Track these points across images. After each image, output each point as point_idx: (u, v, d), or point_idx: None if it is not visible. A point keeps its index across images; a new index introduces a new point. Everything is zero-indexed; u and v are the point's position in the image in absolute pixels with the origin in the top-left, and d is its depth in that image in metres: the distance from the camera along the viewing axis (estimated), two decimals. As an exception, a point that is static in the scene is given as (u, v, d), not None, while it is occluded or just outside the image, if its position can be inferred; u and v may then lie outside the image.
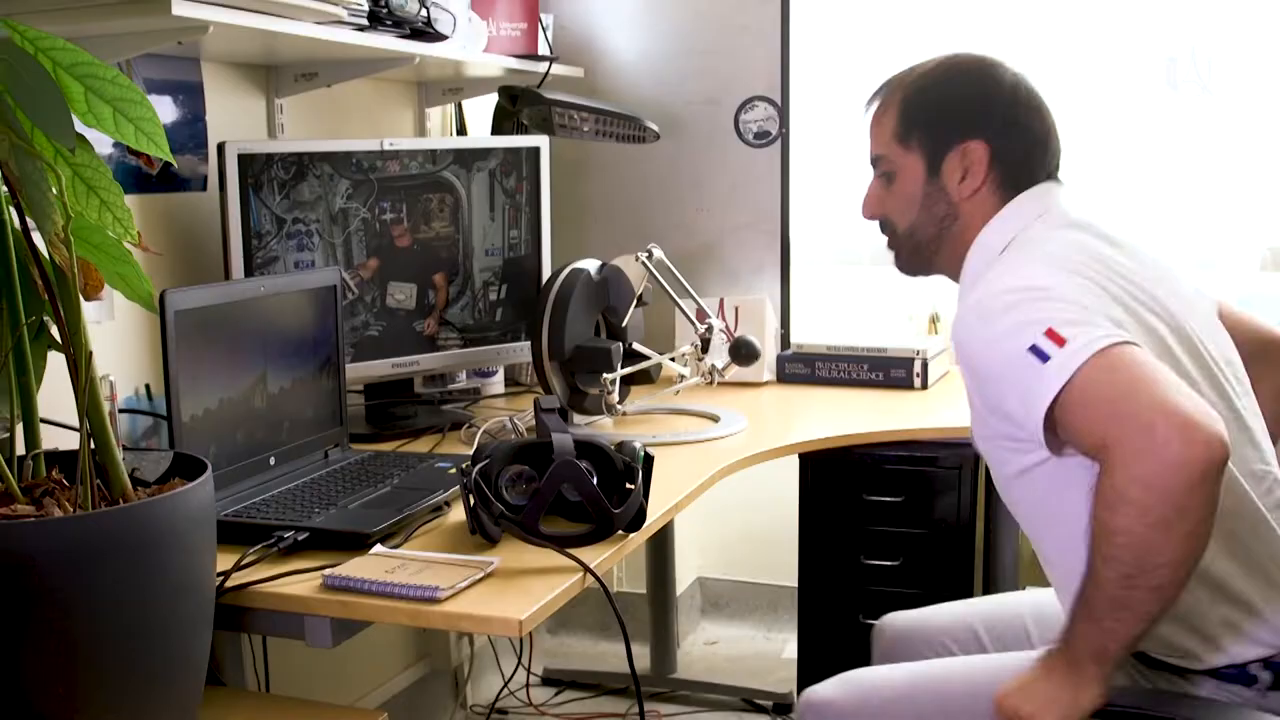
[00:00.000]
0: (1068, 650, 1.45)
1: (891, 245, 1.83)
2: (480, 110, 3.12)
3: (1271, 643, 1.56)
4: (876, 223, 1.84)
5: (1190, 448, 1.32)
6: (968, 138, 1.70)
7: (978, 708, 1.58)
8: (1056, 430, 1.46)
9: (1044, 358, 1.43)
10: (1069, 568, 1.49)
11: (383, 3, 2.27)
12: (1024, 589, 2.42)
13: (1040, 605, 1.94)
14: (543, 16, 2.93)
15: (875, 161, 1.80)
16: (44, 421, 1.38)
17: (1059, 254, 1.60)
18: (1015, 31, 2.87)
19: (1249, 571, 1.57)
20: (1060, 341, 1.43)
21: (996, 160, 1.70)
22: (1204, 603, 1.55)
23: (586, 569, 1.60)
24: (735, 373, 2.56)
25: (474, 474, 1.71)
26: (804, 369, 2.91)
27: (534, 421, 1.96)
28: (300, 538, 1.68)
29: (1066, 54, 2.84)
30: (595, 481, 1.74)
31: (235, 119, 2.37)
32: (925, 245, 1.78)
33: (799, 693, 2.00)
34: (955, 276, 1.79)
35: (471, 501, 1.70)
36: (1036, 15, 2.87)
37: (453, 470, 2.00)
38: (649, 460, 1.80)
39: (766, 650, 3.45)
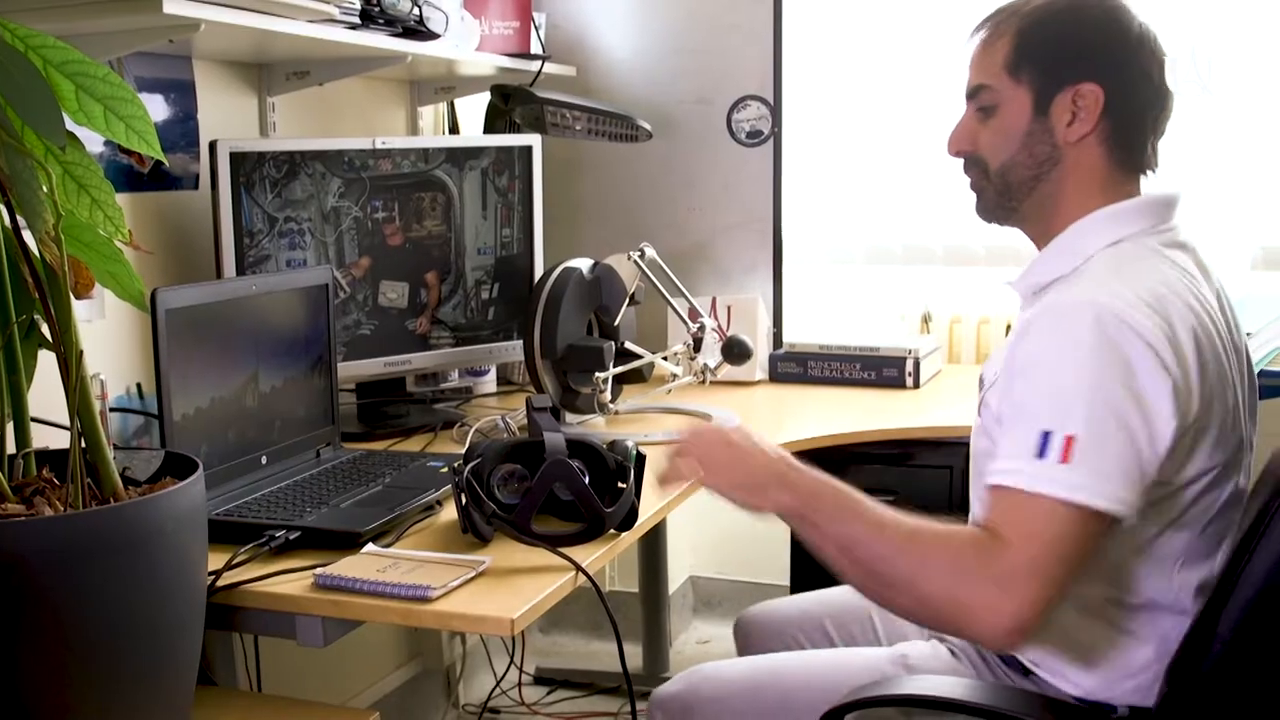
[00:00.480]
0: (796, 482, 1.54)
1: (975, 186, 1.69)
2: (472, 109, 3.12)
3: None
4: (961, 161, 1.71)
5: (996, 642, 1.44)
6: (1083, 79, 1.57)
7: (814, 700, 1.61)
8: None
9: (1041, 453, 1.40)
10: None
11: (375, 1, 2.27)
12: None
13: None
14: (535, 15, 2.92)
15: (975, 93, 1.66)
16: (34, 420, 1.38)
17: (1161, 304, 1.46)
18: None
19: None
20: (1065, 458, 1.39)
21: (1110, 109, 1.58)
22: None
23: (578, 568, 1.60)
24: (728, 372, 2.56)
25: (465, 473, 1.70)
26: (796, 368, 2.91)
27: (526, 420, 1.96)
28: (292, 537, 1.67)
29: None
30: (587, 481, 1.74)
31: (227, 117, 2.37)
32: (1017, 187, 1.64)
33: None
34: (1036, 233, 1.67)
35: (463, 500, 1.70)
36: None
37: (444, 469, 2.00)
38: (641, 459, 1.80)
39: (759, 649, 3.45)
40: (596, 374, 2.36)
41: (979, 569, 1.39)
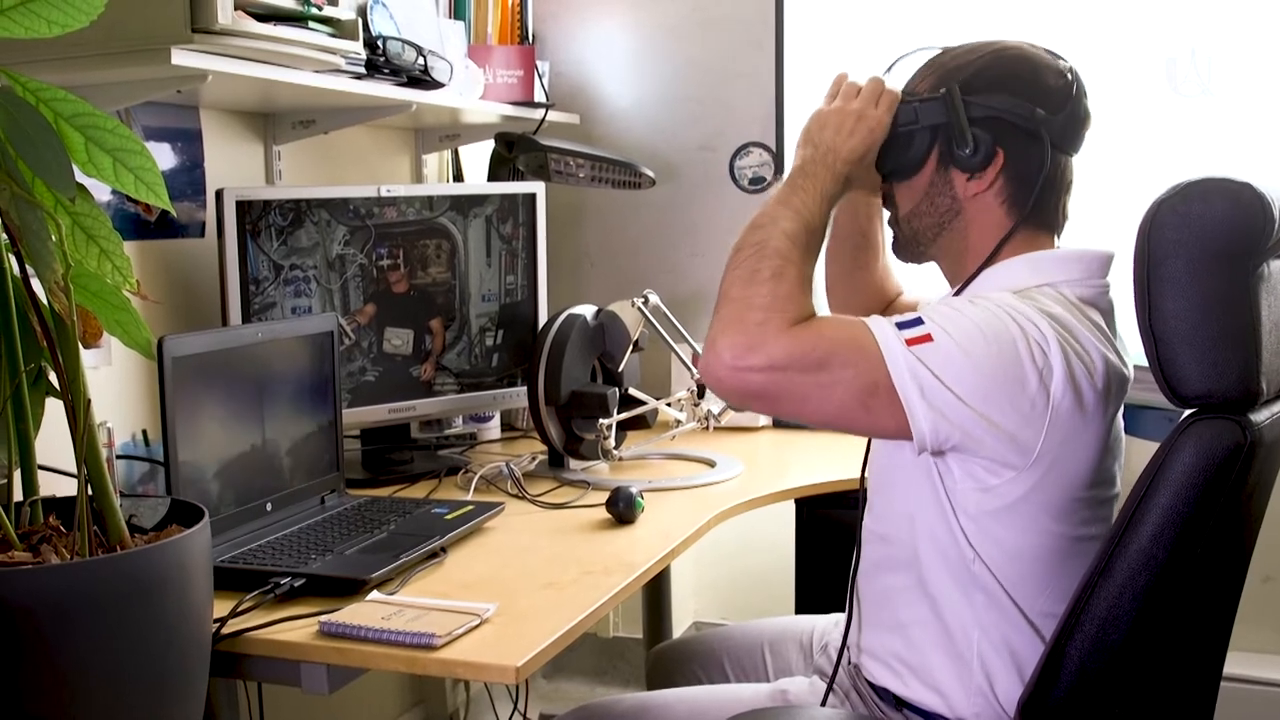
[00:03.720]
0: (815, 160, 1.67)
1: (890, 224, 1.75)
2: (476, 156, 3.14)
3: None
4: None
5: (703, 367, 1.54)
6: (993, 149, 1.62)
7: None
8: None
9: (902, 326, 1.49)
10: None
11: (380, 51, 2.29)
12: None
13: (781, 633, 2.06)
14: (539, 64, 2.95)
15: None
16: (42, 468, 1.39)
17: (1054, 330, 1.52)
18: (1015, 34, 2.87)
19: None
20: (910, 344, 1.47)
21: (1009, 169, 1.62)
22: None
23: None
24: (731, 418, 2.56)
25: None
26: (800, 413, 2.90)
27: (530, 468, 1.96)
28: (297, 584, 1.67)
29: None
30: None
31: (233, 166, 2.39)
32: (922, 234, 1.70)
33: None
34: (952, 274, 1.72)
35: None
36: (1035, 17, 2.87)
37: (449, 516, 2.00)
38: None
39: (763, 695, 3.43)
40: (600, 420, 2.37)
41: (773, 314, 1.51)
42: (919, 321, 1.49)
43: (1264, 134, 2.76)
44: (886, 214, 1.77)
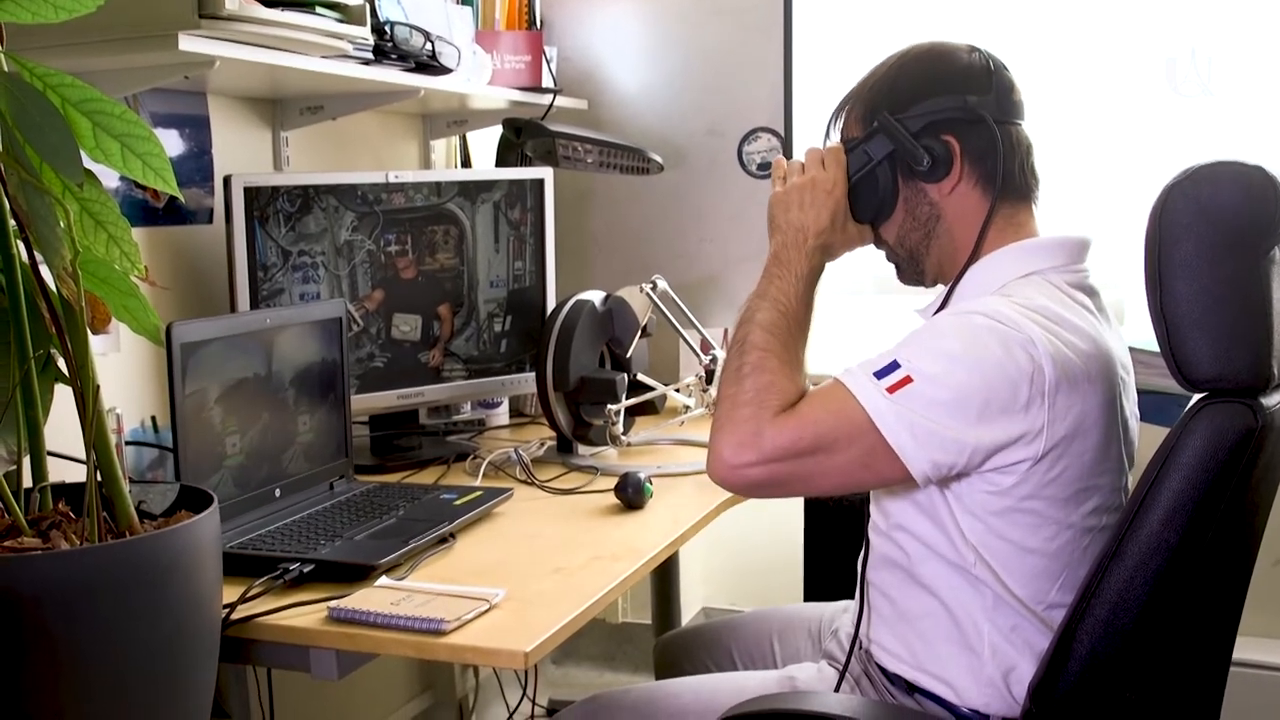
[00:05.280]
0: (786, 246, 1.70)
1: (890, 259, 1.77)
2: (484, 142, 3.14)
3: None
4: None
5: (711, 469, 1.57)
6: (935, 133, 1.63)
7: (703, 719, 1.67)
8: None
9: (880, 374, 1.50)
10: None
11: (388, 37, 2.29)
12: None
13: (789, 621, 2.06)
14: (546, 49, 2.94)
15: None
16: (51, 454, 1.39)
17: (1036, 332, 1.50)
18: (1015, 34, 2.86)
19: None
20: (891, 390, 1.49)
21: (967, 152, 1.63)
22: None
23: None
24: (739, 403, 2.55)
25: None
26: (808, 399, 2.90)
27: (539, 454, 1.96)
28: (305, 570, 1.68)
29: (1066, 56, 2.84)
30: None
31: (241, 152, 2.39)
32: (916, 250, 1.71)
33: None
34: (946, 279, 1.72)
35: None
36: (1036, 18, 2.87)
37: (458, 502, 2.00)
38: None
39: (772, 681, 3.43)
40: (609, 406, 2.37)
41: (759, 409, 1.54)
42: (895, 365, 1.51)
43: (1264, 134, 2.76)
44: (881, 252, 1.78)
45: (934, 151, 1.62)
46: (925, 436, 1.48)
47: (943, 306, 1.66)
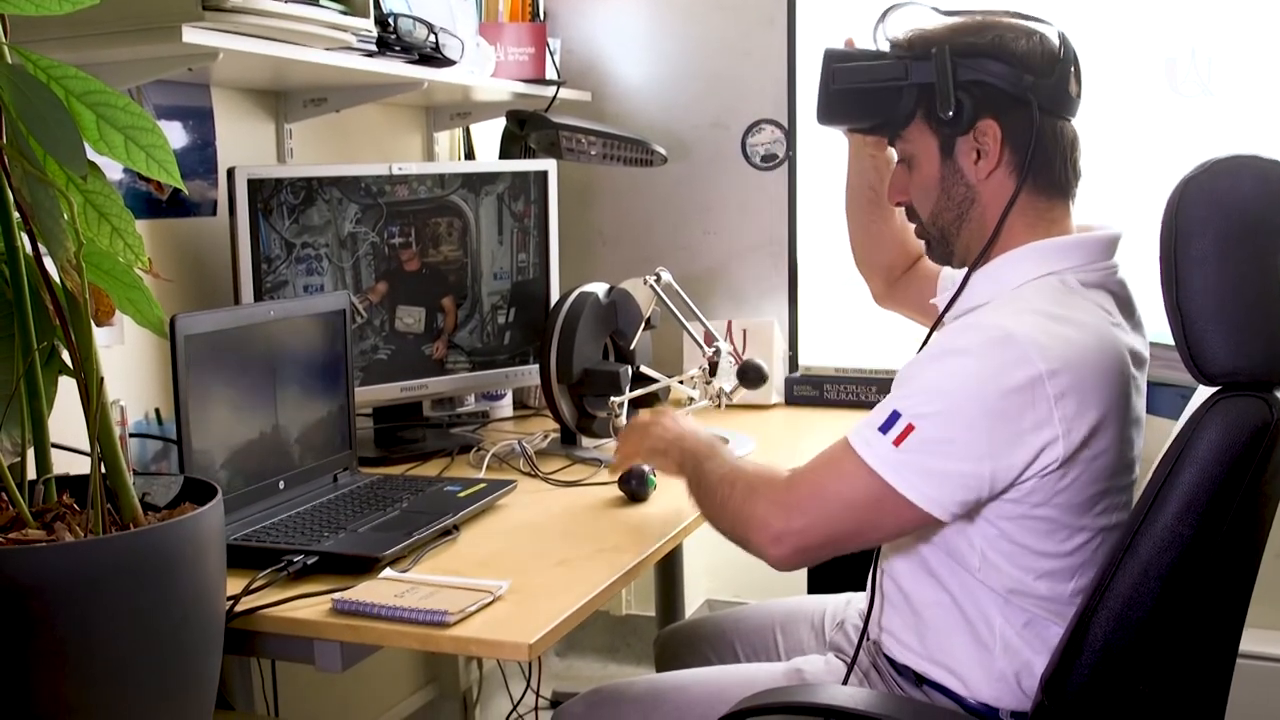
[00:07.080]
0: (680, 446, 1.86)
1: (920, 234, 1.74)
2: (488, 134, 3.14)
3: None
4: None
5: (762, 554, 1.62)
6: (979, 117, 1.60)
7: (708, 713, 1.67)
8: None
9: (884, 428, 1.51)
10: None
11: (391, 29, 2.29)
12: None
13: (792, 614, 2.07)
14: (550, 41, 2.94)
15: (896, 145, 1.73)
16: (55, 446, 1.39)
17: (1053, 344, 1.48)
18: None
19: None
20: (897, 442, 1.49)
21: (1009, 140, 1.60)
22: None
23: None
24: (743, 395, 2.55)
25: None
26: (812, 391, 2.90)
27: (543, 446, 1.96)
28: (309, 561, 1.68)
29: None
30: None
31: (245, 144, 2.39)
32: (948, 230, 1.68)
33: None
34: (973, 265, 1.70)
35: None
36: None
37: (462, 494, 2.00)
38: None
39: (776, 673, 3.44)
40: (612, 398, 2.36)
41: (770, 491, 1.60)
42: (896, 416, 1.50)
43: (1264, 134, 2.76)
44: (913, 227, 1.76)
45: (961, 109, 1.60)
46: (942, 479, 1.48)
47: (954, 299, 1.66)
